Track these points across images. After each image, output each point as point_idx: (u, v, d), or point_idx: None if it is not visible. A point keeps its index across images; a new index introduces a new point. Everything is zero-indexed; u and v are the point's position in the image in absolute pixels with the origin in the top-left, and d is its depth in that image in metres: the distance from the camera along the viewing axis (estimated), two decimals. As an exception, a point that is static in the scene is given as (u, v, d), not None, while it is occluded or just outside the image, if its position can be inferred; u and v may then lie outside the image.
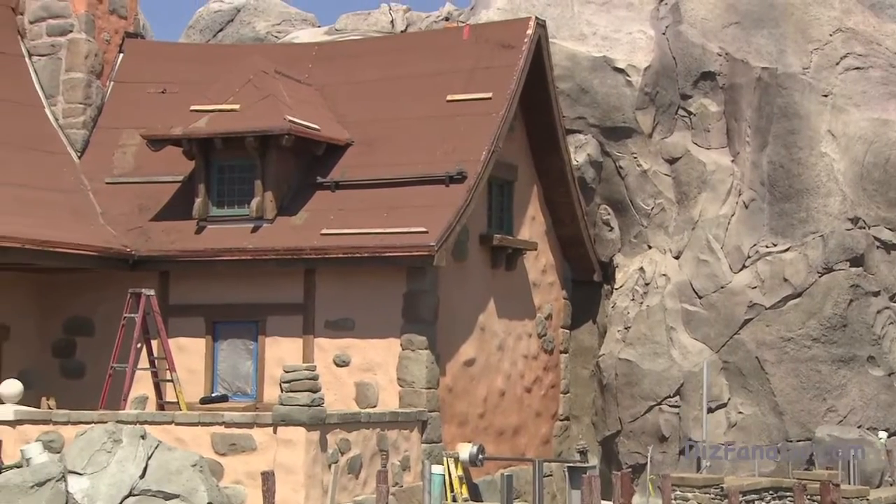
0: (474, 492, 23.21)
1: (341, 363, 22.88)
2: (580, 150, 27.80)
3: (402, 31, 33.35)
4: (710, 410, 25.62)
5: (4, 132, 24.99)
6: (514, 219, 25.79)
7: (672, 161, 27.85)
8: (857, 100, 26.67)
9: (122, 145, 26.17)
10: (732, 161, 27.18)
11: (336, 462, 19.65)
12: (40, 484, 13.26)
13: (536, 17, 25.59)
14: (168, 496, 13.55)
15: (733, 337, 26.04)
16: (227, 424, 19.47)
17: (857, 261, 25.81)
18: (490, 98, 24.21)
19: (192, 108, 24.25)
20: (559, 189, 26.81)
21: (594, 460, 25.20)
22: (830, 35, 26.73)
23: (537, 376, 26.73)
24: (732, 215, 26.80)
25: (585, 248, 27.78)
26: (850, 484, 22.97)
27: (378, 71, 25.96)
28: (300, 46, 30.18)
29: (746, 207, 26.65)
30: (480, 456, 23.02)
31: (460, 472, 22.74)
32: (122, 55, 27.70)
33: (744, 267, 26.29)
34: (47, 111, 26.60)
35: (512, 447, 25.10)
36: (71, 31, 26.69)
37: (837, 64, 26.57)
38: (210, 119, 23.86)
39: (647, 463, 24.93)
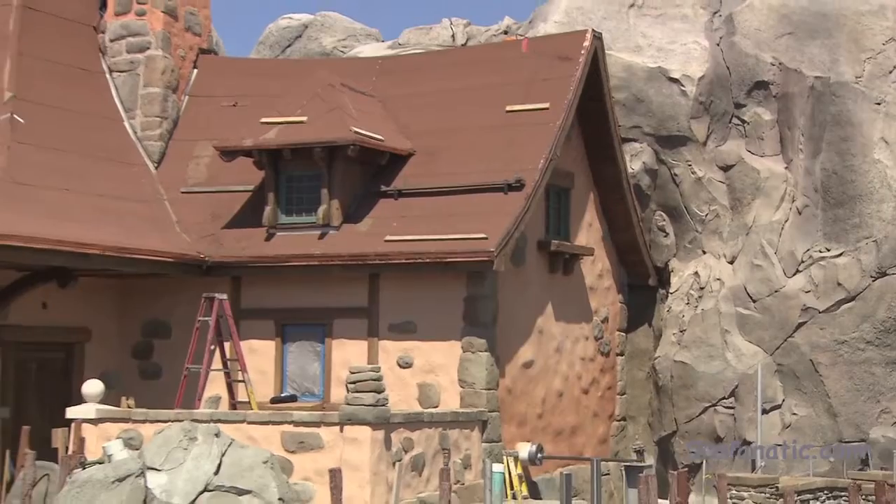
0: (534, 490, 23.05)
1: (404, 365, 22.77)
2: (635, 158, 27.55)
3: (462, 45, 33.48)
4: (764, 412, 25.21)
5: (86, 144, 25.27)
6: (570, 225, 25.55)
7: (726, 168, 27.45)
8: (912, 108, 26.24)
9: (196, 156, 26.34)
10: (786, 168, 26.69)
11: (400, 460, 19.57)
12: (121, 479, 13.35)
13: (593, 30, 25.36)
14: (241, 492, 13.54)
15: (787, 340, 25.52)
16: (296, 423, 19.55)
17: (912, 267, 25.42)
18: (548, 108, 23.95)
19: (263, 120, 24.32)
20: (615, 196, 26.54)
21: (650, 460, 25.18)
22: (883, 44, 26.23)
23: (594, 378, 26.47)
24: (786, 221, 26.31)
25: (641, 254, 27.52)
26: (907, 482, 22.50)
27: (439, 83, 25.87)
28: (365, 60, 30.20)
29: (800, 213, 26.16)
30: (539, 455, 22.78)
31: (520, 471, 22.53)
32: (196, 70, 27.90)
33: (797, 271, 25.76)
34: (126, 124, 26.79)
35: (570, 447, 24.87)
36: (148, 49, 26.88)
37: (890, 73, 26.06)
38: (279, 131, 23.92)
39: (702, 462, 24.67)
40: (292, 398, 23.28)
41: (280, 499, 13.56)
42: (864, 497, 18.87)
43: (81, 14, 27.27)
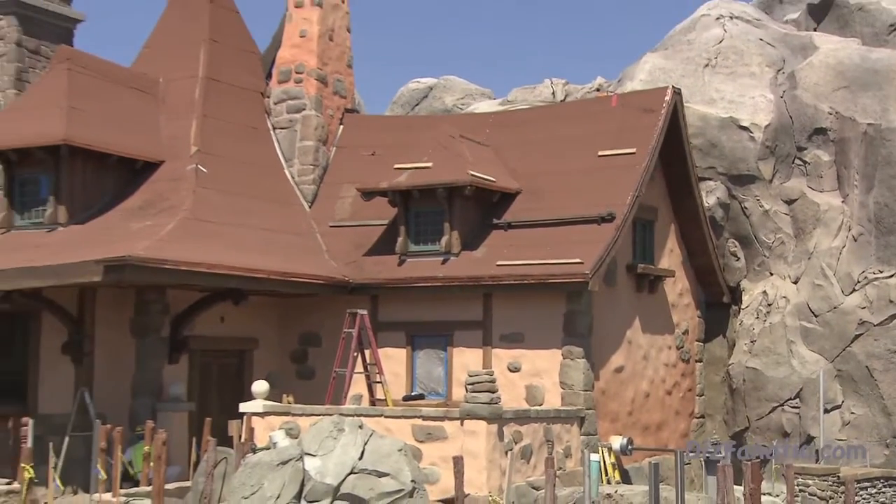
0: (625, 476, 23.12)
1: (514, 369, 23.17)
2: (710, 194, 27.81)
3: (561, 101, 33.30)
4: (826, 411, 25.32)
5: (255, 189, 26.13)
6: (655, 251, 25.78)
7: (790, 202, 27.62)
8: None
9: (341, 197, 27.00)
10: (842, 202, 26.80)
11: (511, 449, 19.94)
12: (284, 462, 13.31)
13: (673, 86, 25.71)
14: (380, 474, 13.46)
15: (845, 349, 25.68)
16: (424, 418, 20.06)
17: (955, 286, 25.31)
18: (634, 153, 24.25)
19: (396, 166, 24.87)
20: (693, 226, 26.77)
21: (725, 451, 24.27)
22: (929, 94, 26.30)
23: (676, 381, 26.71)
24: (843, 247, 26.45)
25: (716, 275, 27.70)
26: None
27: (542, 133, 26.21)
28: (480, 115, 30.42)
29: (855, 241, 26.27)
30: (629, 447, 22.96)
31: (613, 460, 22.78)
32: (342, 126, 28.56)
33: (854, 290, 25.91)
34: (286, 172, 27.72)
35: (656, 440, 25.12)
36: (304, 109, 27.79)
37: None
38: (409, 175, 24.50)
39: (771, 455, 24.09)
40: (420, 396, 23.79)
41: (412, 480, 13.53)
42: None
43: (252, 83, 28.37)
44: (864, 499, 17.85)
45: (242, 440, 19.04)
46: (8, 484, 18.32)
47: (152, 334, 22.78)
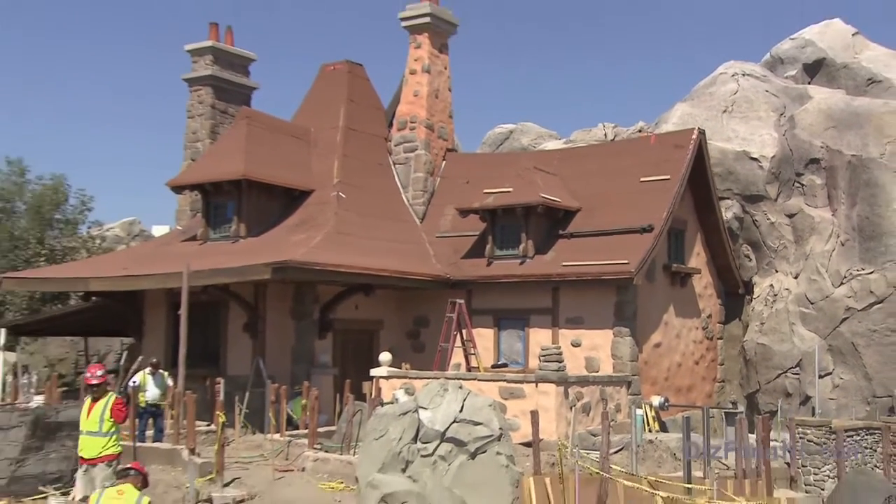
0: (663, 427, 22.92)
1: (575, 345, 23.17)
2: (728, 210, 27.53)
3: (611, 140, 33.10)
4: (820, 377, 24.94)
5: (380, 210, 26.39)
6: (685, 254, 25.60)
7: (790, 216, 27.31)
8: (917, 174, 25.67)
9: (444, 215, 27.15)
10: (832, 215, 26.42)
11: (574, 406, 20.09)
12: (404, 413, 12.99)
13: (698, 128, 25.58)
14: (476, 423, 12.92)
15: (835, 329, 25.32)
16: (508, 381, 20.28)
17: (923, 279, 24.88)
18: (668, 179, 24.19)
19: (485, 191, 25.09)
20: (715, 234, 26.51)
21: (742, 408, 24.69)
22: (898, 132, 25.93)
23: (702, 354, 26.44)
24: (833, 250, 26.08)
25: (733, 272, 27.37)
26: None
27: (596, 164, 26.19)
28: (549, 152, 30.29)
29: (843, 245, 25.87)
30: (666, 404, 22.95)
31: (653, 414, 22.66)
32: (444, 162, 28.68)
33: (842, 283, 25.53)
34: (403, 197, 27.95)
35: (687, 399, 24.87)
36: (416, 150, 28.04)
37: None
38: (495, 198, 24.64)
39: (777, 410, 24.18)
40: (505, 365, 23.78)
41: (500, 428, 13.16)
42: (892, 434, 18.63)
43: (378, 131, 28.74)
44: (850, 444, 17.52)
45: (373, 396, 19.28)
46: (207, 426, 18.85)
47: (306, 318, 23.16)
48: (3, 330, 28.31)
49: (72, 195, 36.55)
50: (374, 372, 21.67)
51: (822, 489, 14.89)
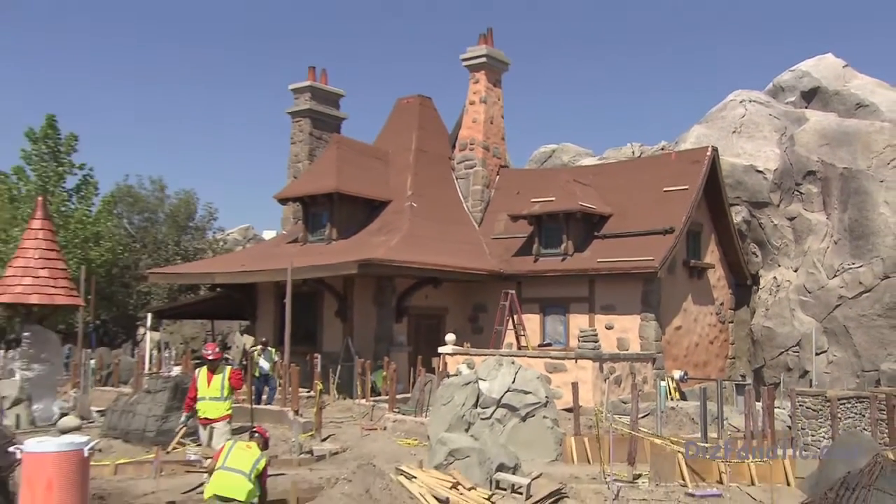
0: (683, 396, 22.37)
1: (608, 327, 23.05)
2: (738, 214, 27.05)
3: (638, 156, 32.80)
4: (816, 354, 24.47)
5: (445, 216, 26.41)
6: (701, 251, 25.23)
7: (791, 219, 26.74)
8: (899, 182, 25.12)
9: (497, 220, 27.00)
10: (827, 218, 25.84)
11: (608, 378, 20.03)
12: (466, 384, 13.23)
13: (712, 146, 25.19)
14: (526, 392, 13.22)
15: (830, 314, 24.76)
16: (552, 358, 20.27)
17: (902, 271, 24.26)
18: (687, 188, 23.93)
19: (532, 200, 25.11)
20: (726, 235, 26.10)
21: (750, 380, 24.49)
22: (883, 148, 25.11)
23: (716, 335, 26.07)
24: (828, 248, 25.50)
25: (742, 267, 26.89)
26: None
27: (626, 177, 25.94)
28: (586, 167, 30.20)
29: (836, 243, 25.29)
30: (685, 377, 22.65)
31: (675, 385, 22.26)
32: (498, 176, 28.57)
33: (835, 276, 24.96)
34: (464, 206, 27.90)
35: (703, 372, 24.54)
36: (475, 166, 27.99)
37: (888, 164, 24.88)
38: (540, 205, 24.61)
39: (780, 382, 24.02)
40: (549, 344, 23.72)
41: (546, 396, 13.41)
42: (878, 402, 18.01)
43: (444, 151, 28.76)
44: (842, 411, 17.13)
45: (440, 370, 19.39)
46: (307, 392, 19.13)
47: (386, 305, 23.30)
48: (150, 315, 29.22)
49: (200, 207, 37.61)
50: (441, 349, 21.71)
51: (818, 448, 14.56)
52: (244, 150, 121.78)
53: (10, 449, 5.48)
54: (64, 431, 13.42)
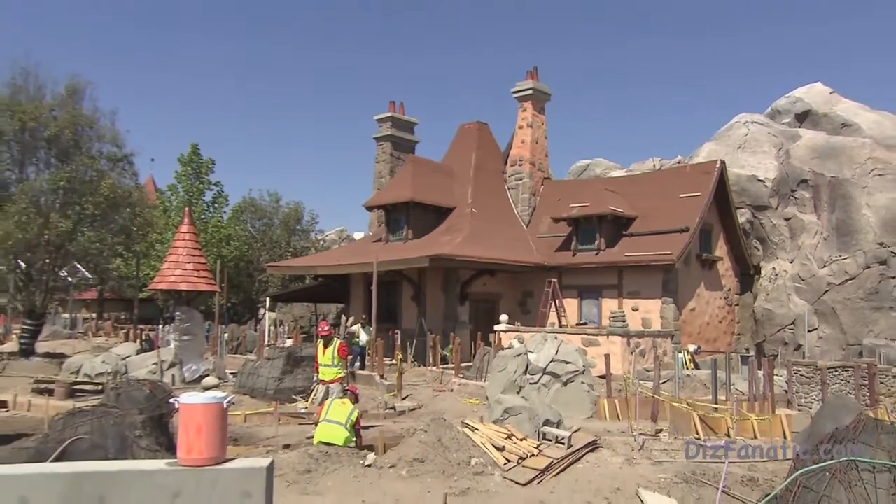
0: (697, 366, 21.64)
1: (634, 310, 22.66)
2: (742, 215, 26.18)
3: (658, 169, 32.05)
4: (809, 331, 23.75)
5: (499, 219, 26.16)
6: (711, 246, 24.58)
7: (787, 219, 25.83)
8: (880, 189, 23.91)
9: (542, 222, 26.66)
10: (818, 218, 24.92)
11: (634, 351, 19.63)
12: (517, 355, 12.71)
13: (721, 160, 24.56)
14: (567, 362, 12.92)
15: (820, 298, 23.97)
16: (588, 334, 19.91)
17: (882, 263, 23.16)
18: (699, 195, 23.38)
19: (571, 205, 24.68)
20: (733, 233, 25.31)
21: (752, 352, 23.54)
22: (864, 160, 24.23)
23: (724, 316, 25.29)
24: (818, 243, 24.62)
25: (746, 259, 25.99)
26: (882, 364, 20.58)
27: (649, 186, 25.40)
28: (615, 178, 29.63)
29: (825, 239, 24.43)
30: (699, 350, 22.10)
31: (690, 357, 21.46)
32: (542, 186, 28.16)
33: (824, 266, 24.12)
34: (514, 211, 27.55)
35: (714, 347, 23.81)
36: (523, 179, 27.67)
37: (869, 173, 24.01)
38: (577, 209, 24.21)
39: (778, 355, 23.24)
40: (585, 324, 23.27)
41: (583, 365, 13.19)
42: (861, 371, 17.61)
43: (497, 167, 28.40)
44: (830, 378, 16.65)
45: (496, 344, 19.31)
46: (390, 361, 19.27)
47: (452, 291, 23.24)
48: (268, 299, 29.86)
49: (306, 213, 38.16)
50: (496, 327, 21.56)
51: (810, 408, 14.15)
52: (340, 168, 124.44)
53: (170, 400, 5.77)
54: (206, 388, 13.87)
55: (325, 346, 11.48)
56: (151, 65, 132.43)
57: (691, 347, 22.11)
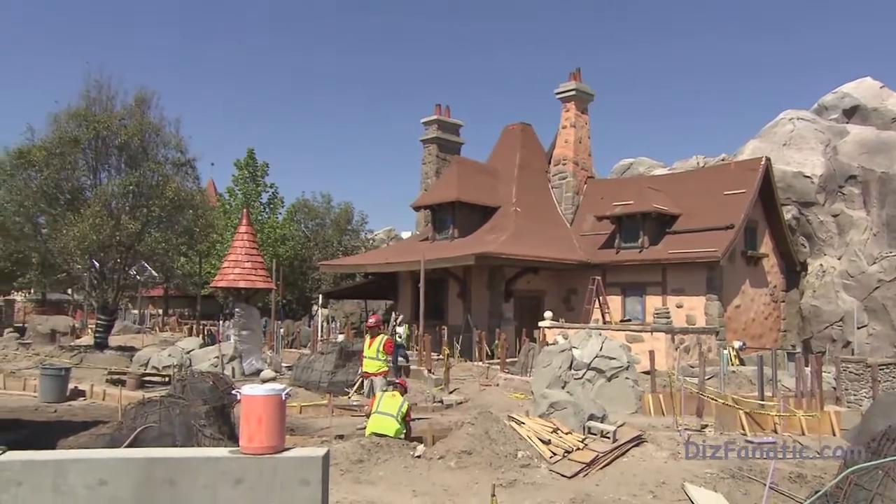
0: (742, 363, 21.08)
1: (679, 306, 22.19)
2: (788, 211, 25.29)
3: (702, 166, 31.25)
4: (858, 328, 22.86)
5: (543, 217, 25.55)
6: (757, 242, 23.82)
7: (835, 216, 24.93)
8: (934, 182, 22.97)
9: (586, 220, 26.28)
10: (867, 214, 24.05)
11: (678, 347, 19.31)
12: (562, 351, 12.94)
13: (766, 157, 23.81)
14: (611, 358, 12.82)
15: (869, 294, 23.07)
16: (632, 330, 19.63)
17: (937, 258, 22.20)
18: (744, 192, 22.72)
19: (614, 204, 24.33)
20: (778, 229, 24.46)
21: (799, 349, 22.93)
22: (918, 153, 23.23)
23: (770, 312, 24.50)
24: (867, 239, 23.77)
25: (792, 256, 25.07)
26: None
27: (693, 184, 24.81)
28: (659, 176, 28.87)
29: (875, 236, 23.59)
30: (744, 346, 21.37)
31: (735, 353, 20.86)
32: (586, 185, 27.83)
33: (874, 262, 23.23)
34: (558, 209, 27.17)
35: (759, 343, 23.07)
36: (566, 178, 27.29)
37: None
38: (621, 208, 23.88)
39: (825, 352, 22.26)
40: (629, 320, 22.89)
41: (627, 361, 13.05)
42: None
43: (541, 166, 28.06)
44: (881, 375, 16.00)
45: (541, 340, 19.17)
46: (437, 356, 19.36)
47: (497, 288, 23.14)
48: (321, 296, 30.38)
49: (356, 214, 38.59)
50: (541, 324, 21.42)
51: (860, 405, 13.58)
52: (388, 170, 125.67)
53: (232, 392, 5.92)
54: (264, 381, 14.19)
55: (372, 338, 11.57)
56: (212, 75, 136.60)
57: (736, 344, 21.42)
